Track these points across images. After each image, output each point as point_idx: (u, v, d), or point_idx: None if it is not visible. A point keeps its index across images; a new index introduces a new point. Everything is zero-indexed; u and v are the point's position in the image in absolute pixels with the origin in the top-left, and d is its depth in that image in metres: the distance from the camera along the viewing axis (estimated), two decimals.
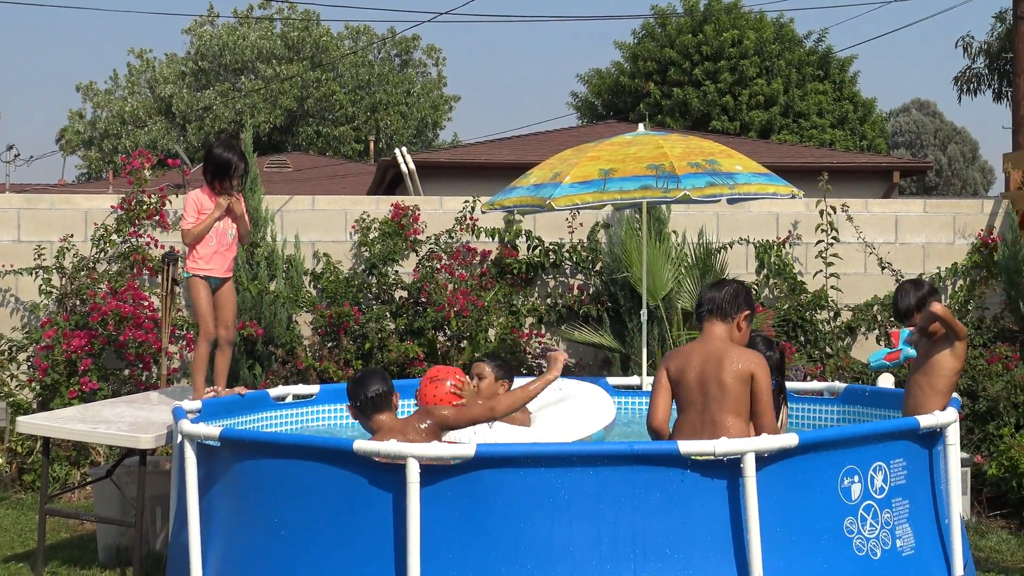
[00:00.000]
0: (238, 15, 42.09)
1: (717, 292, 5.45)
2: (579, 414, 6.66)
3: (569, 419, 6.54)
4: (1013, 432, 8.73)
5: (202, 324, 6.93)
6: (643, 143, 7.34)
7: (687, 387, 5.28)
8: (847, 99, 33.24)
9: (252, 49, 40.68)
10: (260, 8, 42.95)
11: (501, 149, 20.07)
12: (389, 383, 5.32)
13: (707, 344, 5.34)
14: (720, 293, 5.44)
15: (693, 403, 5.24)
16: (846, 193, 12.16)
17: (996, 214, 10.81)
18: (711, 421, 5.14)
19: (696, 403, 5.23)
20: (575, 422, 6.51)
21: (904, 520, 5.04)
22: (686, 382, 5.29)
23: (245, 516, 5.04)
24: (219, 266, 6.94)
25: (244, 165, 7.02)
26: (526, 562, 4.48)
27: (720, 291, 5.45)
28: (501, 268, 10.31)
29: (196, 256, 6.90)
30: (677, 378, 5.33)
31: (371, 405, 5.19)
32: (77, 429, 6.68)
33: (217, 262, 6.93)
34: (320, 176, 28.11)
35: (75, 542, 7.78)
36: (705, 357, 5.27)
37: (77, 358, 9.35)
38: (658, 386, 5.38)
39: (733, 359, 5.21)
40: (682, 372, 5.31)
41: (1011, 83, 17.77)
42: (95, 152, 43.86)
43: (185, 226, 6.88)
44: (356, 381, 5.31)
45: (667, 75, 31.82)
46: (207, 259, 6.89)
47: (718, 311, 5.40)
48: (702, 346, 5.35)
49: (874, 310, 10.47)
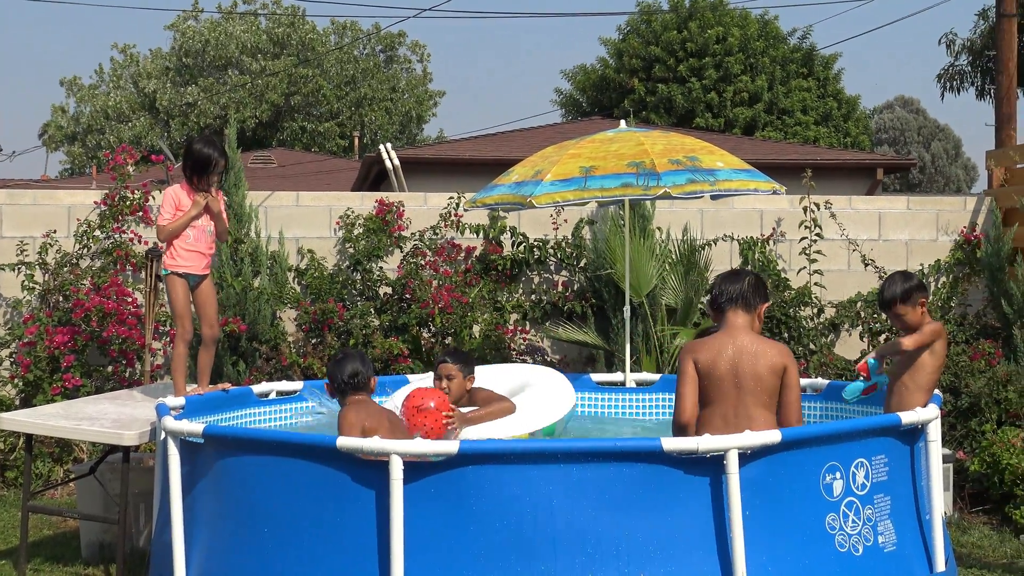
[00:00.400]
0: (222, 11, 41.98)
1: (738, 283, 5.36)
2: (539, 403, 6.64)
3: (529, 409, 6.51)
4: (995, 428, 8.77)
5: (179, 324, 6.89)
6: (624, 140, 7.34)
7: (718, 380, 5.18)
8: (831, 96, 33.32)
9: (236, 44, 40.59)
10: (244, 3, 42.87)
11: (486, 145, 20.06)
12: (368, 365, 5.63)
13: (735, 336, 5.26)
14: (742, 283, 5.36)
15: (726, 396, 5.16)
16: (830, 190, 12.19)
17: (979, 211, 10.86)
18: (746, 415, 5.11)
19: (730, 396, 5.16)
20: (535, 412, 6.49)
21: (886, 516, 5.06)
22: (718, 374, 5.18)
23: (228, 513, 5.04)
24: (197, 263, 6.88)
25: (224, 161, 6.96)
26: (510, 558, 4.49)
27: (741, 281, 5.37)
28: (486, 264, 10.31)
29: (174, 253, 6.85)
30: (708, 370, 5.22)
31: (349, 386, 5.57)
32: (60, 426, 6.66)
33: (195, 259, 6.87)
34: (305, 172, 28.05)
35: (58, 539, 7.76)
36: (738, 349, 5.20)
37: (60, 354, 9.33)
38: (686, 378, 5.23)
39: (768, 352, 5.20)
40: (713, 364, 5.20)
41: (994, 80, 17.83)
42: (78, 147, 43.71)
43: (161, 222, 6.82)
44: (336, 362, 5.68)
45: (652, 72, 31.84)
46: (184, 256, 6.84)
47: (742, 301, 5.33)
48: (730, 338, 5.26)
49: (857, 307, 10.51)
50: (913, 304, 5.86)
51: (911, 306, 5.86)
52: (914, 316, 5.87)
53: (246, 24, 41.24)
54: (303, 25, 41.84)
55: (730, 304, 5.34)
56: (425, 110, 45.30)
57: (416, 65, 46.10)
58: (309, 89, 40.55)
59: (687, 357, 5.27)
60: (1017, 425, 8.76)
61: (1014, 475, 7.98)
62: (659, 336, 9.60)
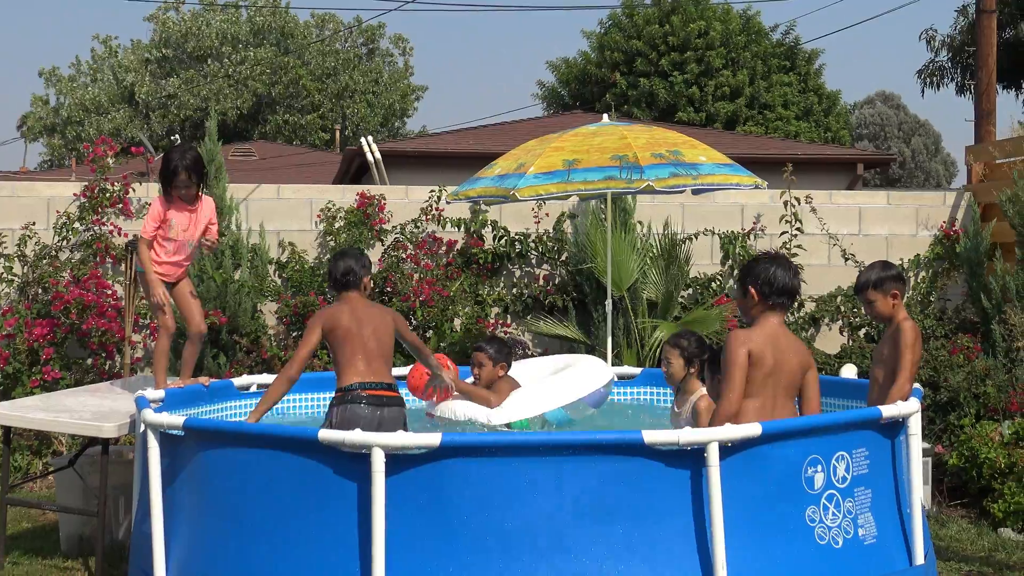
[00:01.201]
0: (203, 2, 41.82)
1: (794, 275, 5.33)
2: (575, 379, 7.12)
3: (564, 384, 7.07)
4: (973, 422, 8.81)
5: (160, 320, 6.89)
6: (607, 134, 7.35)
7: (776, 373, 5.10)
8: (812, 91, 33.41)
9: (217, 35, 40.44)
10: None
11: (467, 139, 20.04)
12: (363, 263, 6.10)
13: (786, 331, 5.25)
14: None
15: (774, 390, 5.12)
16: (810, 185, 12.22)
17: (958, 206, 10.90)
18: (789, 410, 5.17)
19: (778, 391, 5.13)
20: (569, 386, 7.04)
21: (866, 509, 5.08)
22: (778, 368, 5.10)
23: (208, 505, 5.02)
24: (171, 273, 6.91)
25: (188, 174, 6.78)
26: (491, 551, 4.49)
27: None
28: (467, 258, 10.31)
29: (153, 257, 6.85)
30: (769, 364, 5.10)
31: (340, 284, 6.06)
32: (39, 418, 6.63)
33: (170, 269, 6.90)
34: (286, 165, 27.98)
35: (37, 532, 7.72)
36: (796, 346, 5.23)
37: (39, 347, 9.28)
38: (739, 370, 5.04)
39: (807, 350, 5.31)
40: (775, 358, 5.11)
41: (973, 76, 17.90)
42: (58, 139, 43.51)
43: (143, 233, 6.82)
44: (334, 257, 6.17)
45: (633, 65, 31.86)
46: (160, 265, 6.85)
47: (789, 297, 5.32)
48: (786, 332, 5.25)
49: (838, 301, 10.54)
50: (885, 293, 5.85)
51: (882, 294, 5.86)
52: (884, 306, 5.87)
53: (227, 15, 41.10)
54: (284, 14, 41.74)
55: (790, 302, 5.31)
56: (408, 104, 45.25)
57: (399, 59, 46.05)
58: (290, 79, 40.42)
59: (742, 347, 5.07)
60: (995, 419, 8.81)
61: (992, 469, 8.02)
62: (640, 330, 9.62)
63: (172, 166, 6.79)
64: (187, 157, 6.81)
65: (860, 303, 6.10)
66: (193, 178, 6.81)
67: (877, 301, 5.87)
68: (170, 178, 6.79)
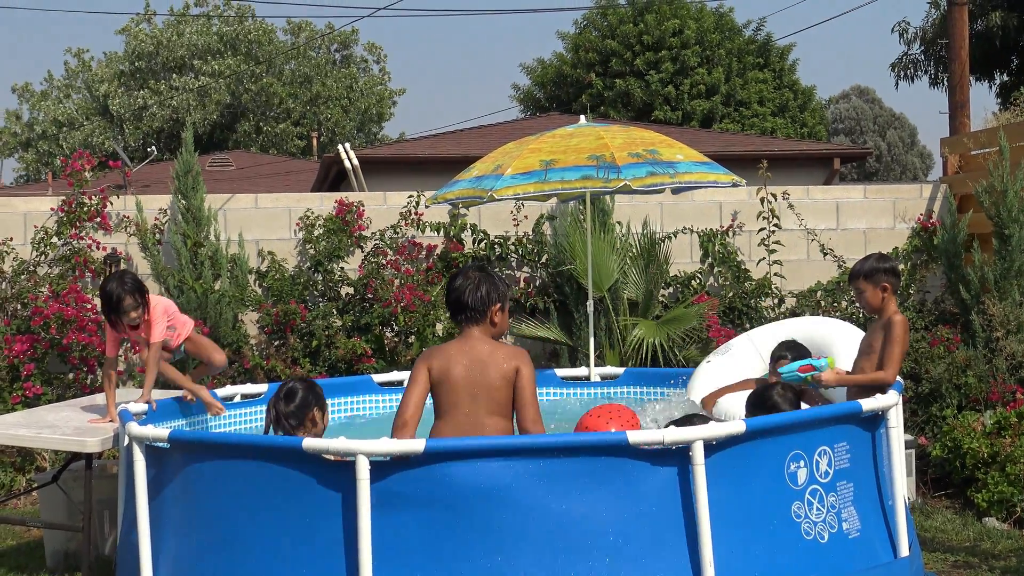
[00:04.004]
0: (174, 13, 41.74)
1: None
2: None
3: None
4: (956, 413, 8.86)
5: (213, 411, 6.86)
6: (584, 135, 7.37)
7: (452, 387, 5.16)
8: (787, 87, 33.54)
9: (188, 47, 40.35)
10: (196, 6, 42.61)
11: (444, 143, 20.05)
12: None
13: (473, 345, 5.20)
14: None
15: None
16: (788, 180, 12.28)
17: (935, 198, 10.96)
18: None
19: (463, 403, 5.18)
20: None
21: (849, 503, 5.10)
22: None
23: (195, 517, 5.01)
24: (170, 348, 6.86)
25: (129, 299, 6.43)
26: (478, 557, 4.48)
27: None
28: (447, 262, 10.31)
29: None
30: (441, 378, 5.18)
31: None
32: (21, 435, 6.59)
33: (166, 354, 6.85)
34: (263, 174, 27.95)
35: (22, 549, 7.69)
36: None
37: (19, 363, 9.24)
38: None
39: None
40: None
41: (947, 69, 17.99)
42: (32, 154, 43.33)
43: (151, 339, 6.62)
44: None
45: (609, 66, 31.93)
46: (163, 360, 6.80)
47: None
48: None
49: (817, 296, 10.58)
50: (875, 284, 5.95)
51: (872, 285, 5.96)
52: (873, 297, 5.97)
53: (198, 26, 41.01)
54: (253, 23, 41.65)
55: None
56: (384, 108, 45.22)
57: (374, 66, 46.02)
58: (259, 87, 40.32)
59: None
60: (977, 409, 8.86)
61: (975, 459, 8.06)
62: (621, 329, 9.64)
63: (114, 298, 6.43)
64: (126, 282, 6.47)
65: (851, 290, 6.16)
66: (139, 300, 6.48)
67: (867, 291, 5.99)
68: (115, 307, 6.46)
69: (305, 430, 5.39)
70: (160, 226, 10.11)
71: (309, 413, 5.42)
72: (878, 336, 5.94)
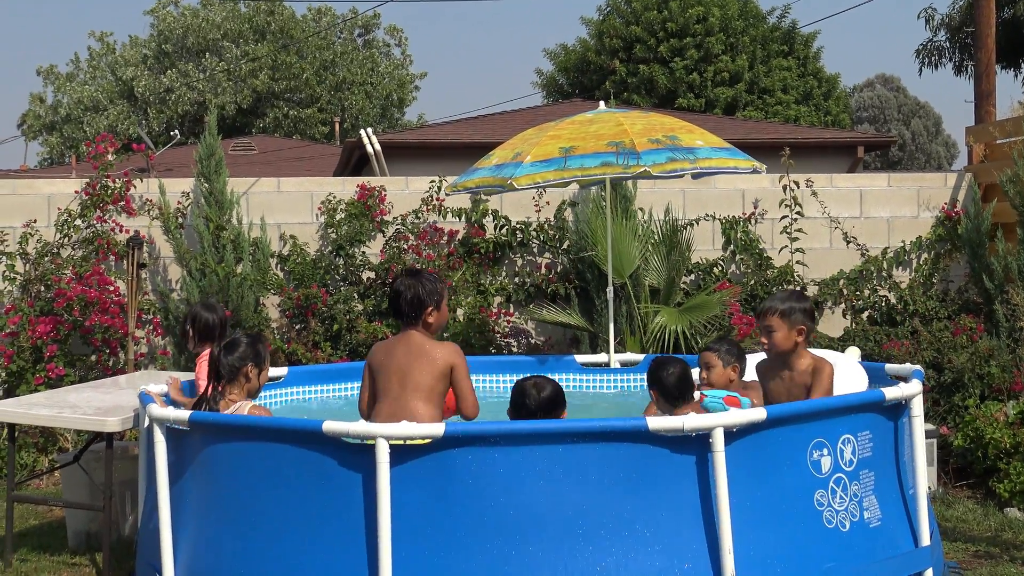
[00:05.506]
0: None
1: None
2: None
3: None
4: (978, 403, 8.81)
5: None
6: (604, 121, 7.35)
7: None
8: (811, 75, 33.37)
9: (217, 30, 40.42)
10: None
11: (466, 129, 20.03)
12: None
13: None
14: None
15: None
16: (811, 168, 12.21)
17: (959, 187, 10.89)
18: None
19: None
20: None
21: (871, 492, 5.08)
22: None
23: (215, 499, 5.03)
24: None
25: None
26: (496, 540, 4.48)
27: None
28: (468, 248, 10.30)
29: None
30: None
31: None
32: (42, 415, 6.64)
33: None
34: (286, 158, 27.99)
35: (44, 529, 7.74)
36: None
37: (43, 344, 9.29)
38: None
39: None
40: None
41: (972, 56, 17.84)
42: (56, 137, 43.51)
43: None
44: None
45: (633, 52, 31.82)
46: None
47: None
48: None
49: (840, 284, 10.54)
50: (791, 325, 5.48)
51: (787, 325, 5.48)
52: (785, 339, 5.51)
53: (226, 11, 41.08)
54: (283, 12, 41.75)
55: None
56: (406, 93, 45.23)
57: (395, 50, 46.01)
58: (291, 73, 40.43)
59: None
60: (1000, 399, 8.81)
61: (997, 449, 8.02)
62: (642, 316, 9.61)
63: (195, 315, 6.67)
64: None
65: (758, 325, 5.61)
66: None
67: (779, 331, 5.49)
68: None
69: (238, 384, 5.45)
70: (183, 209, 10.13)
71: (244, 367, 5.46)
72: (796, 385, 5.50)
